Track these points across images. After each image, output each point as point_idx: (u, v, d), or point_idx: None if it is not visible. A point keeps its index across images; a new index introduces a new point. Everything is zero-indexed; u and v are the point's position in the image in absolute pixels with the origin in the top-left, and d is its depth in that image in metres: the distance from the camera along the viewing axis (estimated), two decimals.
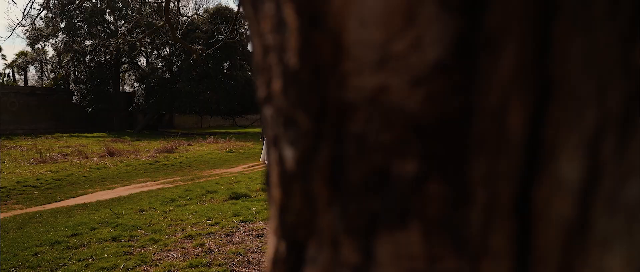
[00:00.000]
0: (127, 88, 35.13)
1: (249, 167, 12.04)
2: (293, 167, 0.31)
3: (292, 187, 0.31)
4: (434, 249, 0.28)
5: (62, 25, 24.41)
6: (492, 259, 0.24)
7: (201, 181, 9.53)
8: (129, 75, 32.95)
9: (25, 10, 6.92)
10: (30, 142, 18.04)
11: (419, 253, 0.29)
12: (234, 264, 4.13)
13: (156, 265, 4.22)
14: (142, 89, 25.19)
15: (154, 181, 9.74)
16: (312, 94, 0.29)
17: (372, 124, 0.28)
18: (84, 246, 4.86)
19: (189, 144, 17.30)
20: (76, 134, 23.44)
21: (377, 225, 0.30)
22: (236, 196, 7.14)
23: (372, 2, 0.26)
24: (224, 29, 8.02)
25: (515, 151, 0.22)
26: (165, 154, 14.21)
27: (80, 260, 4.39)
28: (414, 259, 0.29)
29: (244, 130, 27.86)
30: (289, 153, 0.31)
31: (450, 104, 0.26)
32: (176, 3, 6.25)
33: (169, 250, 4.62)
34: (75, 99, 24.92)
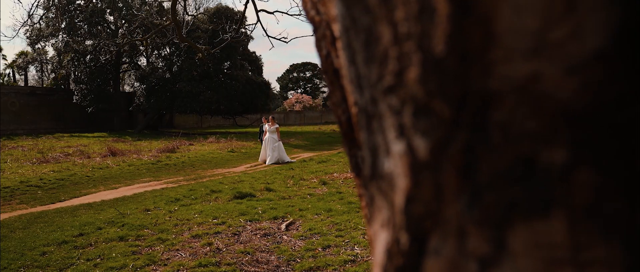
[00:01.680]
0: (127, 88, 35.11)
1: (251, 166, 12.04)
2: (426, 157, 0.31)
3: (422, 177, 0.31)
4: (580, 238, 0.28)
5: (63, 25, 24.38)
6: None
7: (204, 180, 9.53)
8: (129, 75, 32.92)
9: (30, 10, 6.89)
10: (31, 142, 18.02)
11: (562, 242, 0.28)
12: (243, 264, 4.13)
13: (165, 264, 4.22)
14: (142, 88, 25.19)
15: (157, 180, 9.74)
16: (454, 83, 0.29)
17: (519, 112, 0.28)
18: (91, 245, 4.85)
19: (190, 144, 17.30)
20: (77, 134, 23.41)
21: (513, 214, 0.30)
22: (241, 196, 7.14)
23: None
24: (229, 28, 8.02)
25: None
26: (167, 153, 14.21)
27: (88, 259, 4.38)
28: (554, 248, 0.29)
29: (244, 130, 27.85)
30: (421, 143, 0.31)
31: (607, 92, 0.26)
32: (183, 3, 6.25)
33: (177, 249, 4.62)
34: (76, 99, 24.92)
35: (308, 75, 59.30)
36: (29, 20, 8.34)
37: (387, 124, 0.34)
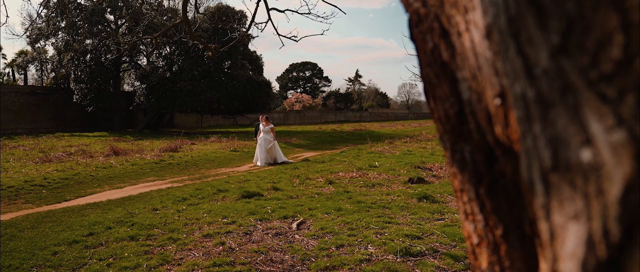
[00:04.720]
0: (127, 87, 35.03)
1: (255, 166, 12.02)
2: None
3: None
4: None
5: (63, 24, 24.29)
6: None
7: (209, 179, 9.51)
8: (130, 75, 32.84)
9: (38, 10, 6.87)
10: (32, 142, 17.96)
11: None
12: (257, 263, 4.12)
13: (178, 264, 4.20)
14: (142, 88, 25.13)
15: (162, 180, 9.72)
16: None
17: None
18: (102, 245, 4.83)
19: (192, 143, 17.27)
20: (77, 133, 23.35)
21: None
22: (249, 195, 7.13)
23: None
24: (238, 28, 7.99)
25: None
26: (170, 153, 14.18)
27: (101, 259, 4.36)
28: None
29: (245, 129, 27.83)
30: None
31: None
32: (194, 1, 6.22)
33: (190, 249, 4.60)
34: (76, 99, 24.84)
35: (308, 74, 59.22)
36: (37, 18, 8.30)
37: (588, 114, 0.34)
